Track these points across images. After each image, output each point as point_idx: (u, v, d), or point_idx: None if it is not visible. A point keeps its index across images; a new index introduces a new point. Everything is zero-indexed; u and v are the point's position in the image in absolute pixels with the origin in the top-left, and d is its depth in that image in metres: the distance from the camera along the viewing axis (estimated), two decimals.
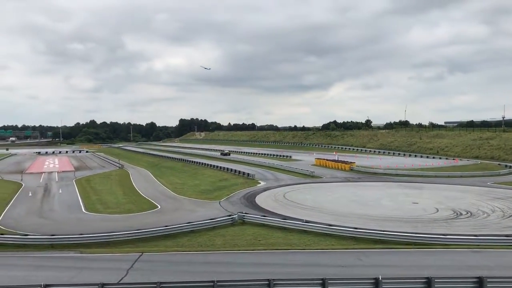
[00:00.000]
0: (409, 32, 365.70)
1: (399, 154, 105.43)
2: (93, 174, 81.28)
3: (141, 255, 25.24)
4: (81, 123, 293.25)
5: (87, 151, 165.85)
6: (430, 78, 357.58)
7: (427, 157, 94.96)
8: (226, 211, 38.98)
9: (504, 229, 31.26)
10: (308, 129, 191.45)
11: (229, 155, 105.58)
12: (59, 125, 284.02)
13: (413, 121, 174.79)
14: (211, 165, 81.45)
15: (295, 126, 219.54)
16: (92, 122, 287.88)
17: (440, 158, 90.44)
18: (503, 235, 28.20)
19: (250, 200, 44.47)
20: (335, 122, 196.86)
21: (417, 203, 41.53)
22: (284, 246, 27.48)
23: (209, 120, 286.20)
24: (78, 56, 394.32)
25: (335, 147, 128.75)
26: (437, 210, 37.97)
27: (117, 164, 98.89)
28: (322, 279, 18.34)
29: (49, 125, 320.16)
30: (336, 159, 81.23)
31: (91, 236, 29.21)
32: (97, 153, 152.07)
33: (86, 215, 41.08)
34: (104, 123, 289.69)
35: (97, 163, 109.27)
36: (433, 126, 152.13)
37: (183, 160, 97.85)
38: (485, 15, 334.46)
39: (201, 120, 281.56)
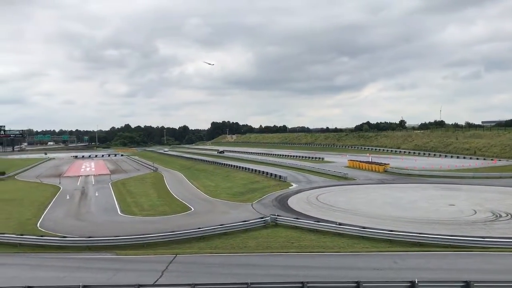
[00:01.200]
0: (444, 30, 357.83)
1: (434, 155, 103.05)
2: (128, 177, 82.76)
3: (175, 256, 25.51)
4: (116, 127, 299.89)
5: (122, 155, 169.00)
6: (466, 76, 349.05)
7: (464, 157, 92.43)
8: (259, 213, 38.99)
9: None
10: (341, 130, 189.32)
11: (223, 153, 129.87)
12: (95, 130, 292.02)
13: (449, 121, 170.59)
14: (243, 167, 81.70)
15: (327, 127, 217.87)
16: (127, 126, 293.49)
17: (477, 159, 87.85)
18: None
19: (282, 203, 44.36)
20: (368, 123, 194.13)
21: (454, 205, 40.48)
22: (317, 248, 27.26)
23: (241, 123, 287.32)
24: (113, 62, 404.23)
25: (368, 148, 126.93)
26: (475, 212, 36.89)
27: (151, 167, 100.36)
28: (356, 282, 18.07)
29: (85, 130, 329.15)
30: (370, 160, 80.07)
31: (126, 238, 29.76)
32: (131, 157, 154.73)
33: (122, 217, 41.87)
34: (138, 127, 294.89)
35: (132, 166, 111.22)
36: (469, 126, 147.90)
37: (215, 162, 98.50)
38: None
39: (233, 123, 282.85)
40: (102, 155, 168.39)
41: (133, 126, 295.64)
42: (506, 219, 34.34)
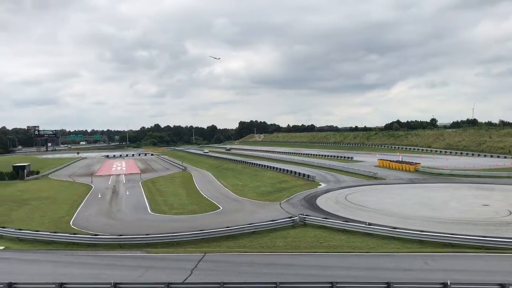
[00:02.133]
0: (476, 26, 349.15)
1: (467, 154, 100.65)
2: (158, 176, 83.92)
3: (204, 255, 25.71)
4: (146, 127, 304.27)
5: (152, 154, 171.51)
6: (500, 73, 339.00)
7: (498, 157, 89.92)
8: (287, 213, 38.92)
9: None
10: (370, 129, 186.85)
11: (230, 150, 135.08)
12: (126, 130, 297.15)
13: (482, 119, 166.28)
14: (271, 166, 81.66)
15: (356, 126, 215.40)
16: (156, 126, 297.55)
17: None
18: None
19: (310, 202, 44.14)
20: (398, 121, 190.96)
21: (488, 205, 39.46)
22: (346, 248, 27.02)
23: (268, 122, 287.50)
24: (143, 63, 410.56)
25: (398, 147, 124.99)
26: (510, 213, 35.85)
27: (181, 166, 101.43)
28: (387, 283, 17.82)
29: (116, 130, 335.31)
30: (400, 159, 78.81)
31: (156, 236, 30.16)
32: (161, 156, 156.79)
33: (152, 216, 42.49)
34: (168, 126, 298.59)
35: (162, 166, 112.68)
36: (504, 124, 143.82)
37: (243, 162, 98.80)
38: None
39: (260, 122, 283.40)
40: (133, 155, 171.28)
41: (162, 126, 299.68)
42: None
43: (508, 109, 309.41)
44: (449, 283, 17.39)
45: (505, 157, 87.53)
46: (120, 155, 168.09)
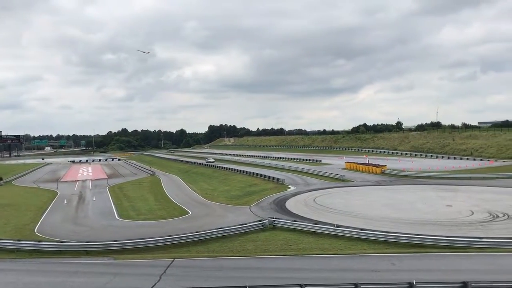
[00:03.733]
0: (440, 32, 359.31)
1: (431, 156, 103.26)
2: (125, 181, 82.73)
3: (173, 260, 25.48)
4: (113, 132, 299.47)
5: (119, 159, 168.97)
6: (462, 78, 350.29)
7: (461, 158, 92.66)
8: (257, 216, 38.99)
9: None
10: (338, 132, 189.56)
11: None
12: (92, 134, 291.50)
13: (446, 122, 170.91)
14: (241, 170, 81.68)
15: (324, 130, 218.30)
16: (124, 131, 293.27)
17: (474, 160, 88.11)
18: None
19: (280, 205, 44.36)
20: (365, 125, 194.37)
21: (451, 206, 40.57)
22: (315, 250, 27.27)
23: (238, 126, 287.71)
24: (110, 66, 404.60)
25: (365, 150, 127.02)
26: (473, 213, 36.98)
27: (149, 171, 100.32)
28: (355, 284, 18.09)
29: (82, 134, 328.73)
30: (367, 162, 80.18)
31: (124, 242, 29.71)
32: (129, 161, 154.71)
33: (119, 222, 41.85)
34: (136, 131, 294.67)
35: (129, 171, 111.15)
36: (466, 127, 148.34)
37: (213, 166, 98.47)
38: None
39: (230, 126, 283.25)
40: (99, 160, 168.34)
41: (130, 130, 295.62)
42: (503, 219, 34.45)
43: (470, 112, 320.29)
44: (414, 283, 17.80)
45: (467, 159, 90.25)
46: (87, 160, 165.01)
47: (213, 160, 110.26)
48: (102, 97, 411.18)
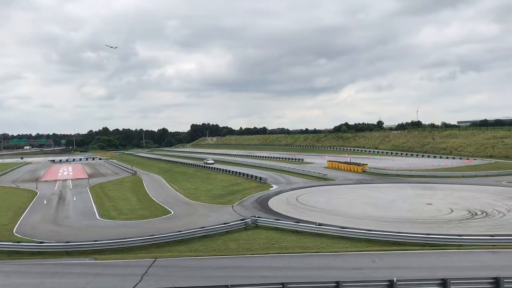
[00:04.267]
0: (420, 32, 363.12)
1: (411, 155, 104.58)
2: (106, 181, 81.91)
3: (154, 260, 25.34)
4: (94, 131, 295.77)
5: (100, 158, 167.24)
6: (442, 77, 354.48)
7: (440, 157, 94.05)
8: (239, 215, 39.01)
9: None
10: (320, 131, 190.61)
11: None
12: (73, 133, 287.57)
13: (426, 121, 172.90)
14: (223, 169, 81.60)
15: (307, 129, 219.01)
16: (105, 130, 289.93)
17: (453, 158, 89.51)
18: None
19: (263, 204, 44.46)
20: (346, 124, 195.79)
21: (431, 204, 41.16)
22: (297, 249, 27.43)
23: (221, 125, 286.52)
24: (91, 65, 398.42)
25: (347, 149, 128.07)
26: (452, 211, 37.59)
27: (130, 171, 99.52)
28: (336, 282, 18.26)
29: (62, 133, 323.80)
30: (349, 161, 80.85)
31: (105, 242, 29.44)
32: (110, 160, 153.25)
33: (101, 222, 41.43)
34: (117, 130, 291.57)
35: (111, 170, 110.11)
36: (445, 126, 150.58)
37: (195, 165, 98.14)
38: (495, 13, 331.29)
39: (213, 125, 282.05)
40: (80, 159, 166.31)
41: (111, 129, 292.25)
42: (481, 217, 35.09)
43: (449, 111, 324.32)
44: (395, 280, 18.02)
45: (447, 158, 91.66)
46: (67, 160, 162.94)
47: (213, 162, 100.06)
48: (82, 95, 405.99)
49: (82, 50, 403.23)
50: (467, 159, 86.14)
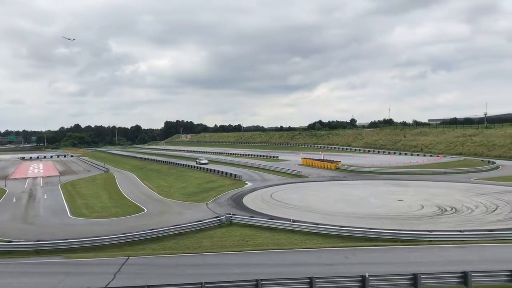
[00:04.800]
0: (393, 31, 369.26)
1: (383, 152, 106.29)
2: (78, 178, 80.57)
3: (127, 258, 25.07)
4: (65, 127, 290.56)
5: (72, 156, 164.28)
6: (413, 76, 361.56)
7: (412, 154, 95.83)
8: (214, 212, 38.94)
9: (488, 224, 31.76)
10: (294, 129, 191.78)
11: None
12: (43, 130, 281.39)
13: (397, 119, 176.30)
14: (197, 167, 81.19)
15: (281, 126, 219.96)
16: (77, 126, 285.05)
17: (424, 156, 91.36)
18: (486, 230, 28.64)
19: (237, 201, 44.48)
20: (320, 122, 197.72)
21: (402, 200, 41.92)
22: (271, 246, 27.56)
23: (195, 122, 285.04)
24: (63, 60, 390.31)
25: (321, 146, 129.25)
26: (422, 207, 38.38)
27: (103, 168, 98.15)
28: (309, 278, 18.42)
29: (33, 130, 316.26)
30: (322, 158, 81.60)
31: (77, 241, 29.00)
32: (82, 157, 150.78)
33: (72, 220, 40.75)
34: (89, 127, 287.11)
35: (82, 167, 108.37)
36: (417, 124, 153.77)
37: (169, 162, 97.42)
38: (466, 14, 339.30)
39: (187, 122, 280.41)
40: (51, 156, 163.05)
41: (83, 126, 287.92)
42: (451, 213, 35.95)
43: (420, 109, 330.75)
44: (367, 276, 18.30)
45: (417, 155, 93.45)
46: (38, 157, 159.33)
47: (207, 162, 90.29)
48: (54, 91, 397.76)
49: (54, 45, 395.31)
50: (437, 156, 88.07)
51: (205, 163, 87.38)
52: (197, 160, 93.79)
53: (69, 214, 43.41)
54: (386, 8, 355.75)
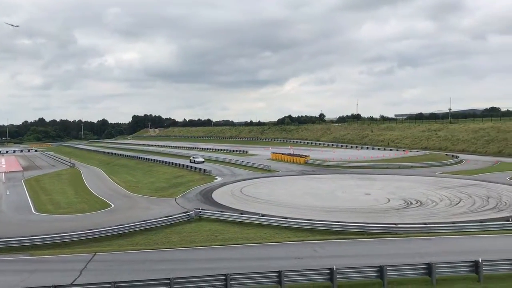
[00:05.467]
0: (361, 27, 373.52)
1: (351, 146, 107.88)
2: (43, 173, 78.56)
3: (94, 255, 24.65)
4: (29, 122, 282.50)
5: (36, 150, 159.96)
6: (381, 72, 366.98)
7: (379, 149, 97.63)
8: (182, 208, 38.68)
9: (451, 216, 32.70)
10: (264, 124, 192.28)
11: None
12: (6, 124, 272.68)
13: (365, 114, 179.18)
14: (166, 161, 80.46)
15: (251, 121, 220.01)
16: (41, 120, 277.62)
17: (390, 150, 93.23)
18: (450, 222, 29.49)
19: (206, 196, 44.31)
20: (290, 116, 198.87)
21: (369, 194, 42.66)
22: (241, 240, 27.59)
23: (164, 116, 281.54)
24: (26, 52, 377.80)
25: (290, 141, 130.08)
26: (389, 200, 39.15)
27: (68, 163, 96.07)
28: (278, 272, 18.55)
29: None
30: (292, 153, 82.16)
31: (41, 237, 28.31)
32: (46, 152, 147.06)
33: (37, 216, 39.73)
34: (54, 121, 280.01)
35: (47, 162, 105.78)
36: (383, 119, 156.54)
37: (137, 157, 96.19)
38: (431, 10, 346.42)
39: (155, 116, 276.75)
40: (14, 151, 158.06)
41: (48, 120, 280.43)
42: (416, 206, 36.83)
43: (387, 105, 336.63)
44: (335, 268, 18.56)
45: (384, 149, 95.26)
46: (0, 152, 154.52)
47: (203, 160, 77.72)
48: (17, 84, 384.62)
49: (16, 37, 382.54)
50: (404, 150, 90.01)
51: (201, 162, 75.21)
52: (191, 158, 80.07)
53: (33, 211, 42.30)
54: (354, 4, 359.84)
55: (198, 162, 74.83)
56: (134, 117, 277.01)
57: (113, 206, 42.69)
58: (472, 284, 18.85)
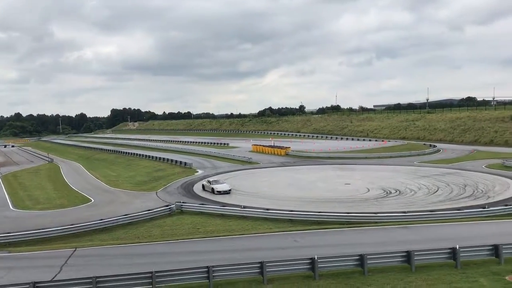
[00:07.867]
0: (340, 19, 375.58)
1: (331, 137, 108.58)
2: (20, 169, 77.32)
3: (75, 250, 24.41)
4: (5, 117, 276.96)
5: (13, 146, 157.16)
6: (359, 63, 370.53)
7: (358, 139, 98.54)
8: (164, 201, 38.54)
9: (429, 205, 33.29)
10: (245, 116, 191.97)
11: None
12: None
13: (344, 105, 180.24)
14: (146, 155, 79.90)
15: (232, 113, 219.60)
16: (18, 115, 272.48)
17: (370, 140, 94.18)
18: (428, 211, 30.02)
19: (188, 189, 44.20)
20: (270, 108, 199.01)
21: (349, 184, 43.11)
22: (223, 232, 27.67)
23: (143, 110, 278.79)
24: (0, 46, 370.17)
25: (271, 133, 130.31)
26: (368, 190, 39.64)
27: (46, 158, 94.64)
28: (260, 262, 18.67)
29: None
30: (272, 144, 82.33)
31: (20, 234, 27.98)
32: (24, 147, 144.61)
33: (14, 212, 39.14)
34: (31, 115, 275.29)
35: (25, 158, 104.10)
36: (362, 109, 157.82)
37: (116, 151, 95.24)
38: (409, 2, 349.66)
39: (135, 110, 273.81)
40: None
41: (24, 115, 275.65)
42: (395, 195, 37.37)
43: (366, 95, 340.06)
44: (316, 258, 18.75)
45: (363, 140, 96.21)
46: None
47: (229, 188, 41.35)
48: None
49: None
50: (382, 141, 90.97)
51: (226, 191, 41.05)
52: (205, 182, 44.09)
53: (11, 207, 41.64)
54: None
55: (220, 192, 40.98)
56: (113, 110, 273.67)
57: (93, 201, 42.27)
58: (450, 271, 19.24)
